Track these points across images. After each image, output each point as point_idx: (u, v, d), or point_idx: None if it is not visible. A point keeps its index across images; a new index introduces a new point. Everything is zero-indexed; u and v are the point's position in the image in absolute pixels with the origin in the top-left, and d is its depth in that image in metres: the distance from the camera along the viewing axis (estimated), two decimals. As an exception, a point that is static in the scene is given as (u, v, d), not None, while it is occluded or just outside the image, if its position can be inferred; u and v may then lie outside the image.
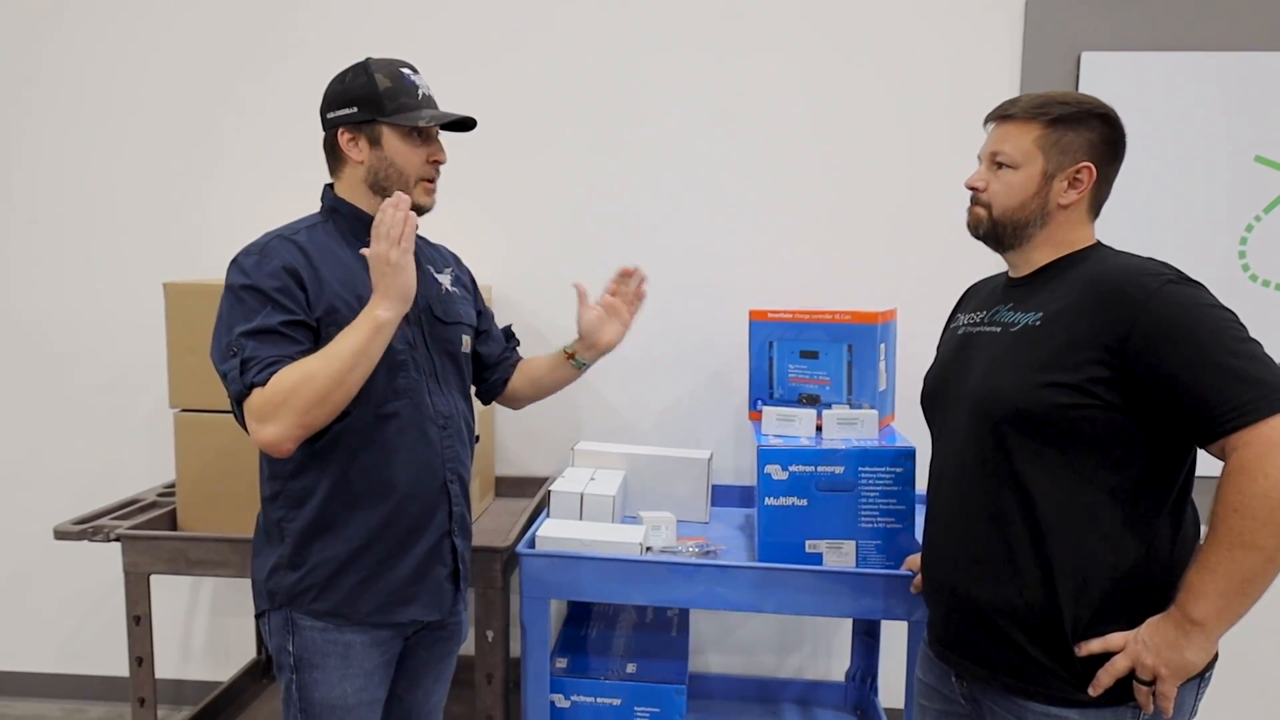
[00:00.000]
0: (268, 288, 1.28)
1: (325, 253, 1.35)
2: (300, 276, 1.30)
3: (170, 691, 2.58)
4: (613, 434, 2.39)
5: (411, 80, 1.39)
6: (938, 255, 2.27)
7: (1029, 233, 1.25)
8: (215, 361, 1.29)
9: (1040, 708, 1.17)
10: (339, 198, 1.41)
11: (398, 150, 1.37)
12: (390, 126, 1.36)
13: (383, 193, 1.38)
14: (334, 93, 1.39)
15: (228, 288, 1.31)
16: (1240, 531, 1.03)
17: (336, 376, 1.23)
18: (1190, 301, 1.09)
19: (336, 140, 1.38)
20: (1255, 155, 2.21)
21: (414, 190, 1.39)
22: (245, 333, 1.26)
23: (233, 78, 2.40)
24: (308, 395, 1.22)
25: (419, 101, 1.39)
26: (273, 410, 1.22)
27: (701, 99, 2.32)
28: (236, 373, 1.25)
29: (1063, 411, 1.12)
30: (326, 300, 1.32)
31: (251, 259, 1.31)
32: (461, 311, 1.53)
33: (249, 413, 1.25)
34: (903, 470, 1.67)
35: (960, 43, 2.25)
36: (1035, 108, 1.22)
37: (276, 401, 1.22)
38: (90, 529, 1.92)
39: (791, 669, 2.50)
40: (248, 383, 1.24)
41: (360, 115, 1.36)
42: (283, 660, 1.38)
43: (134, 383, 2.49)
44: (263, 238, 1.36)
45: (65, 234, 2.49)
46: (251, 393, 1.24)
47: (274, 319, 1.27)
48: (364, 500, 1.35)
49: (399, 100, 1.36)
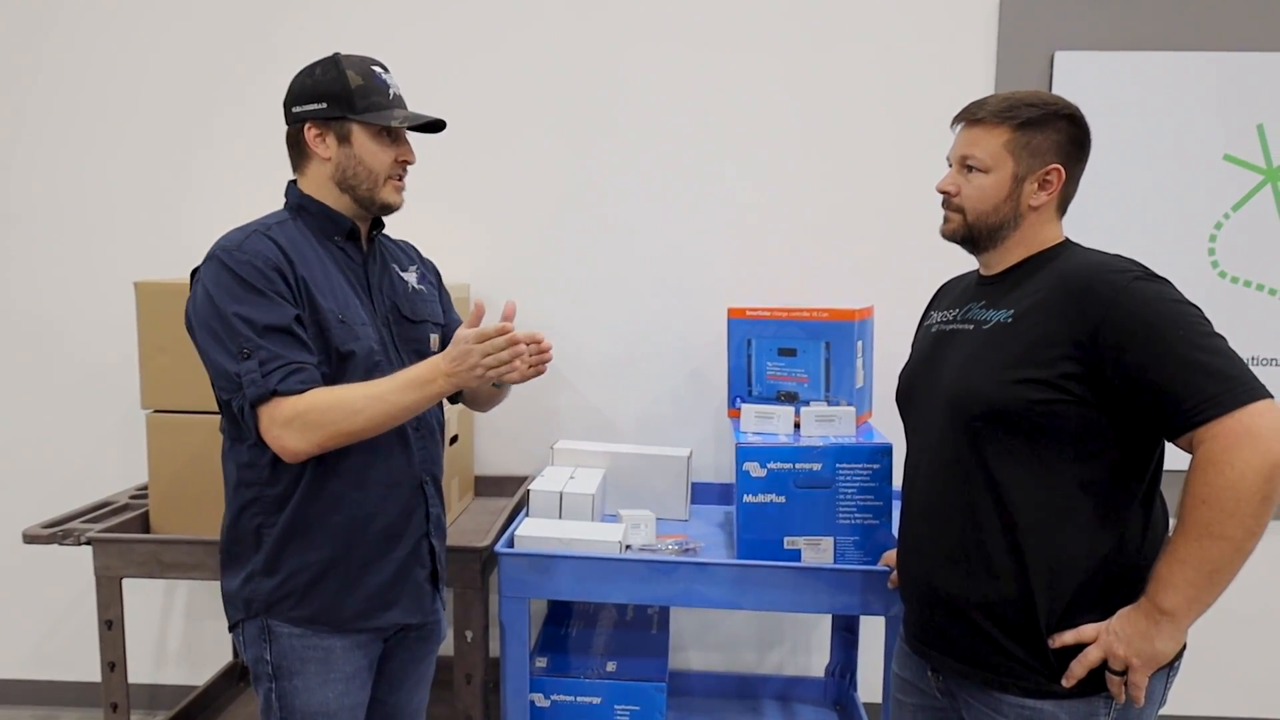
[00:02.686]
0: (264, 282, 1.26)
1: (299, 251, 1.33)
2: (284, 272, 1.28)
3: (144, 696, 2.54)
4: (592, 432, 2.39)
5: (383, 79, 1.37)
6: (914, 253, 2.28)
7: (1002, 234, 1.26)
8: (220, 359, 1.24)
9: (1015, 700, 1.18)
10: (306, 195, 1.39)
11: (367, 149, 1.35)
12: (360, 125, 1.34)
13: (350, 191, 1.36)
14: (301, 86, 1.36)
15: (214, 280, 1.26)
16: (1208, 523, 1.04)
17: (379, 422, 1.27)
18: (1157, 297, 1.11)
19: (302, 135, 1.36)
20: (1224, 154, 2.25)
21: (380, 190, 1.37)
22: (257, 329, 1.23)
23: (210, 79, 2.37)
24: (344, 427, 1.24)
25: (390, 101, 1.37)
26: (302, 425, 1.23)
27: (680, 98, 2.32)
28: (257, 375, 1.22)
29: (1035, 407, 1.14)
30: (312, 292, 1.30)
31: (239, 252, 1.27)
32: (429, 310, 1.52)
33: (271, 417, 1.23)
34: (880, 466, 1.68)
35: (935, 42, 2.27)
36: (1003, 111, 1.23)
37: (310, 419, 1.23)
38: (60, 532, 1.89)
39: (772, 665, 2.51)
40: (271, 388, 1.22)
41: (330, 111, 1.34)
42: (260, 670, 1.36)
43: (106, 384, 2.46)
44: (239, 233, 1.32)
45: (38, 233, 2.44)
46: (274, 399, 1.22)
47: (285, 315, 1.25)
48: (342, 504, 1.34)
49: (370, 98, 1.34)
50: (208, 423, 1.83)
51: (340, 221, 1.39)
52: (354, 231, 1.40)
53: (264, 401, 1.23)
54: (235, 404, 1.26)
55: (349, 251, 1.40)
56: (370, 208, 1.39)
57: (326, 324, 1.30)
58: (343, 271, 1.38)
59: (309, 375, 1.26)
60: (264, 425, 1.25)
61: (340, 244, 1.39)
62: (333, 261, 1.37)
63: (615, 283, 2.37)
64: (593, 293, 2.38)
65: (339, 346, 1.31)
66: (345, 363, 1.32)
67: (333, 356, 1.31)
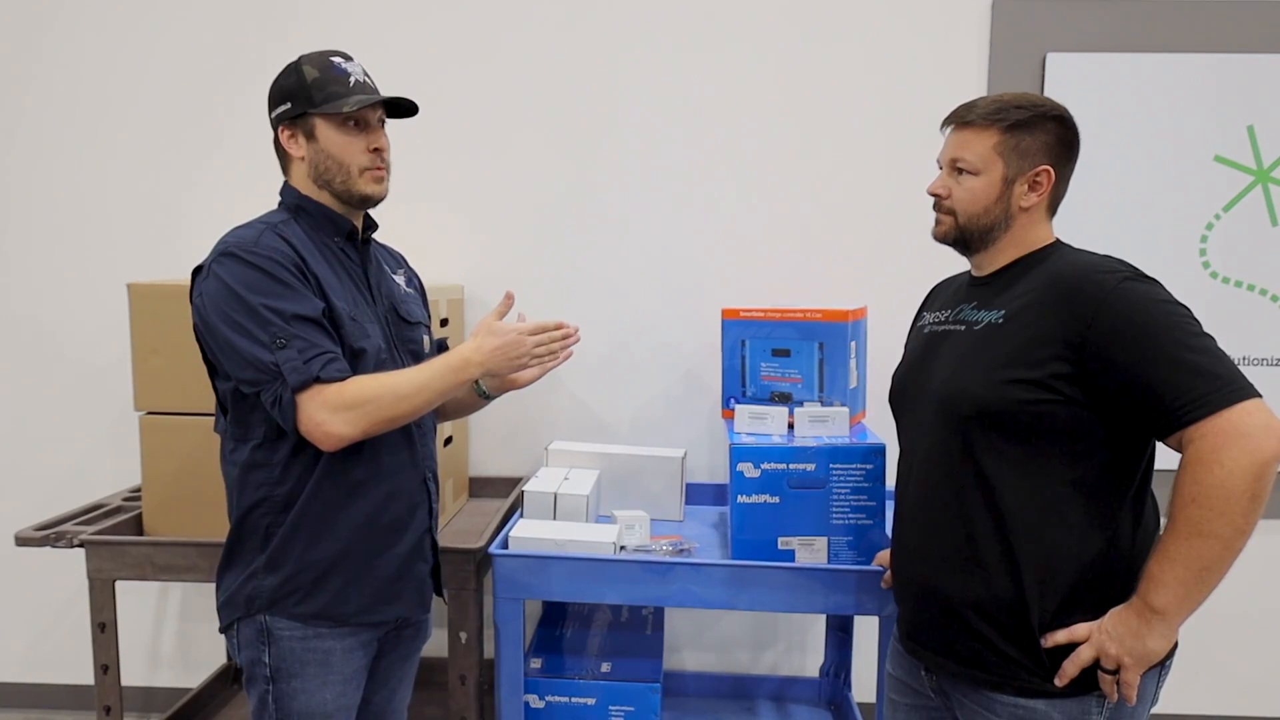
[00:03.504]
0: (286, 274, 1.27)
1: (307, 249, 1.33)
2: (302, 269, 1.30)
3: (138, 699, 2.53)
4: (586, 433, 2.39)
5: (342, 68, 1.35)
6: (907, 253, 2.29)
7: (994, 236, 1.27)
8: (251, 350, 1.23)
9: (1008, 699, 1.18)
10: (304, 195, 1.39)
11: (333, 140, 1.34)
12: (321, 117, 1.33)
13: (328, 186, 1.36)
14: (272, 91, 1.38)
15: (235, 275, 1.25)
16: (1198, 521, 1.05)
17: (418, 407, 1.31)
18: (1146, 298, 1.11)
19: (279, 139, 1.38)
20: (1215, 155, 2.26)
21: (356, 181, 1.36)
22: (287, 319, 1.24)
23: (207, 81, 2.36)
24: (390, 413, 1.28)
25: (350, 89, 1.34)
26: (350, 410, 1.25)
27: (673, 99, 2.32)
28: (298, 362, 1.23)
29: (1025, 407, 1.14)
30: (324, 290, 1.31)
31: (257, 247, 1.27)
32: (420, 312, 1.54)
33: (318, 402, 1.24)
34: (873, 467, 1.69)
35: (927, 43, 2.27)
36: (992, 113, 1.23)
37: (357, 402, 1.25)
38: (53, 534, 1.88)
39: (766, 665, 2.51)
40: (314, 373, 1.23)
41: (294, 110, 1.34)
42: (256, 672, 1.35)
43: (99, 385, 2.45)
44: (249, 229, 1.32)
45: (32, 235, 2.44)
46: (316, 385, 1.24)
47: (313, 307, 1.27)
48: (351, 500, 1.34)
49: (327, 90, 1.33)
50: (201, 425, 1.83)
51: (340, 222, 1.39)
52: (353, 232, 1.41)
53: (306, 388, 1.24)
54: (269, 394, 1.25)
55: (348, 252, 1.41)
56: (350, 201, 1.38)
57: (340, 320, 1.31)
58: (346, 271, 1.39)
59: (344, 365, 1.28)
60: (307, 412, 1.24)
61: (340, 245, 1.40)
62: (336, 261, 1.38)
63: (609, 283, 2.38)
64: (587, 293, 2.38)
65: (352, 344, 1.32)
66: (357, 360, 1.32)
67: (346, 353, 1.31)
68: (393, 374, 1.32)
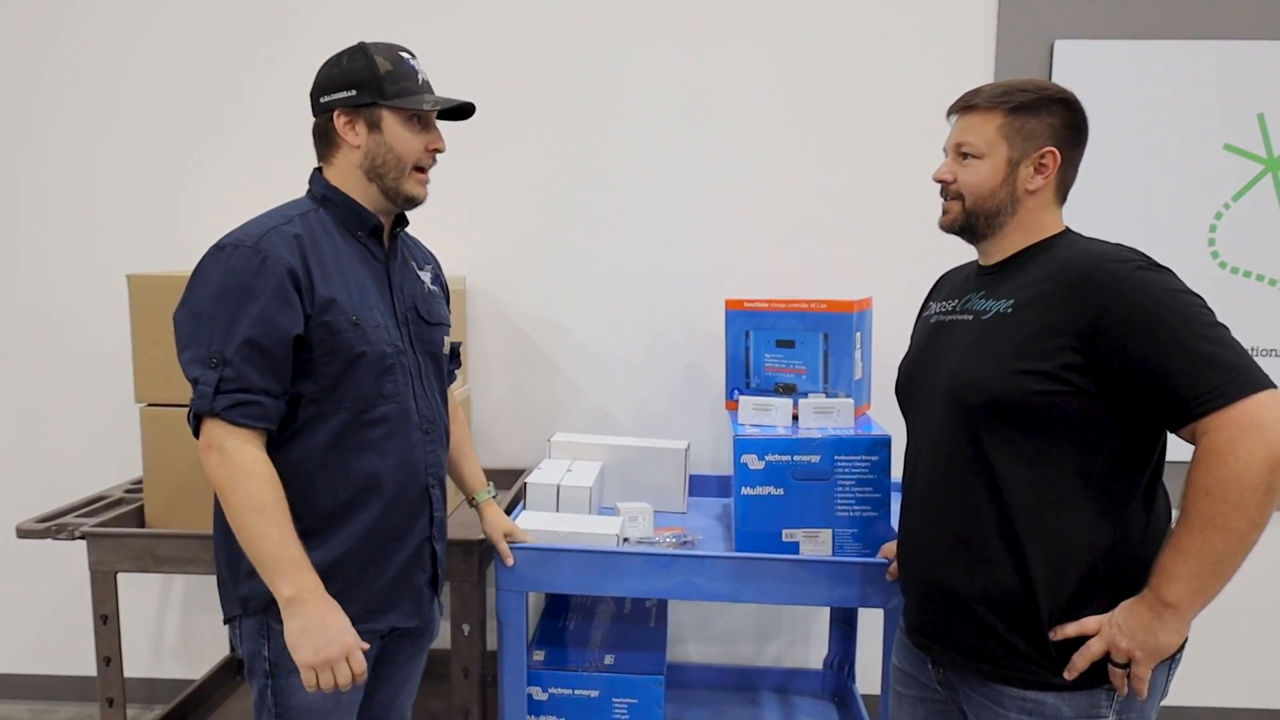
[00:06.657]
0: (265, 284, 1.23)
1: (322, 242, 1.31)
2: (298, 277, 1.25)
3: (141, 690, 2.54)
4: (590, 425, 2.38)
5: (411, 65, 1.35)
6: (912, 243, 2.27)
7: (1000, 221, 1.25)
8: (189, 359, 1.23)
9: (1016, 692, 1.17)
10: (332, 186, 1.36)
11: (397, 135, 1.33)
12: (391, 110, 1.32)
13: (378, 180, 1.34)
14: (328, 76, 1.34)
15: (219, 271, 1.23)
16: (1211, 514, 1.03)
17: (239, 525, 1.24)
18: (1159, 287, 1.10)
19: (331, 124, 1.33)
20: (1225, 143, 2.23)
21: (406, 180, 1.35)
22: (237, 341, 1.21)
23: (211, 74, 2.35)
24: (229, 498, 1.24)
25: (420, 86, 1.34)
26: (221, 463, 1.22)
27: (676, 89, 2.30)
28: (209, 390, 1.21)
29: (1036, 398, 1.13)
30: (328, 292, 1.27)
31: (254, 250, 1.24)
32: (442, 312, 1.50)
33: (213, 430, 1.23)
34: (878, 459, 1.68)
35: (934, 32, 2.25)
36: (997, 97, 1.22)
37: (227, 465, 1.22)
38: (54, 527, 1.88)
39: (770, 657, 2.51)
40: (215, 409, 1.21)
41: (360, 98, 1.31)
42: (256, 666, 1.34)
43: (101, 377, 2.44)
44: (255, 229, 1.28)
45: (35, 226, 2.43)
46: (214, 419, 1.22)
47: (275, 330, 1.23)
48: (348, 507, 1.32)
49: (400, 84, 1.32)
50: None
51: (366, 218, 1.36)
52: (378, 228, 1.38)
53: (204, 416, 1.23)
54: (194, 393, 1.25)
55: (371, 248, 1.38)
56: (395, 199, 1.36)
57: (338, 326, 1.28)
58: (367, 267, 1.36)
59: (261, 411, 1.23)
60: (205, 429, 1.24)
61: (363, 240, 1.37)
62: (356, 256, 1.35)
63: (612, 275, 2.36)
64: (590, 285, 2.36)
65: (349, 350, 1.29)
66: (355, 365, 1.29)
67: (340, 358, 1.28)
68: (266, 490, 1.23)
